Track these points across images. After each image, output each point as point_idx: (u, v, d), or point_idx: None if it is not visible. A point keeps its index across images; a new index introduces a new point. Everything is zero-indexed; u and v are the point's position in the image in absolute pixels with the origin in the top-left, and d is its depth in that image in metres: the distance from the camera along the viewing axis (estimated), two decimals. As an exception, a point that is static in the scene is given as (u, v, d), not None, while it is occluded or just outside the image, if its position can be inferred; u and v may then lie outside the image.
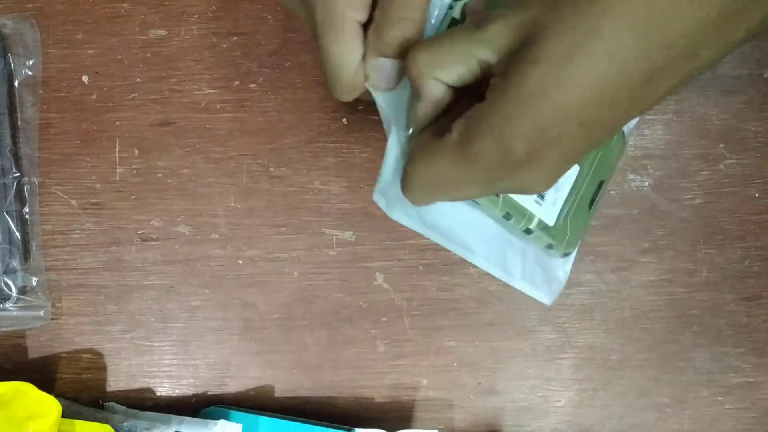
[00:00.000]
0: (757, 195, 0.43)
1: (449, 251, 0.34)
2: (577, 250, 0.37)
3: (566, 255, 0.37)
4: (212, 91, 0.43)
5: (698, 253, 0.43)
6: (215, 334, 0.43)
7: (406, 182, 0.30)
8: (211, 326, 0.43)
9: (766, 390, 0.44)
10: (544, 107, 0.25)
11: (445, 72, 0.28)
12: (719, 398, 0.44)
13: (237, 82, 0.43)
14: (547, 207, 0.36)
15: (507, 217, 0.34)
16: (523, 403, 0.44)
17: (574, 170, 0.36)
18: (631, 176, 0.43)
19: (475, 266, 0.35)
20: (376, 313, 0.43)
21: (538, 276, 0.37)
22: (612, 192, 0.43)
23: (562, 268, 0.38)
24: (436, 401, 0.44)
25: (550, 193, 0.36)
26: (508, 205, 0.34)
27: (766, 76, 0.43)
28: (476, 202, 0.34)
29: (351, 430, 0.41)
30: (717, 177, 0.43)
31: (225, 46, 0.42)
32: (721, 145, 0.43)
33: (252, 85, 0.43)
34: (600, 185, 0.37)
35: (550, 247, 0.36)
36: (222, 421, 0.40)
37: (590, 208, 0.37)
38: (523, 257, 0.36)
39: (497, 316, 0.43)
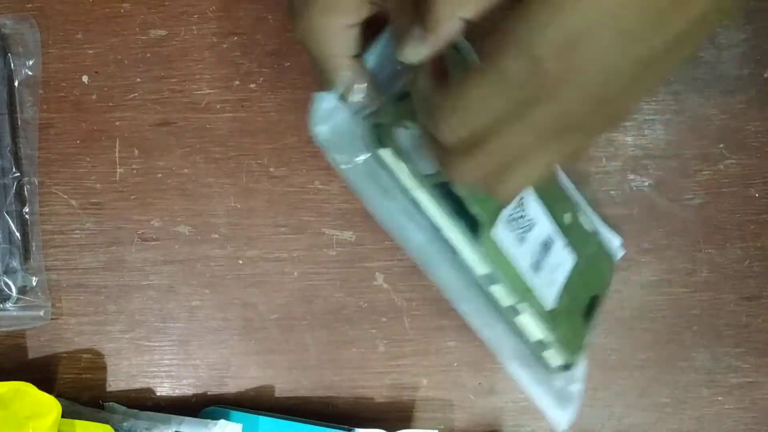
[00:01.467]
0: (757, 195, 0.43)
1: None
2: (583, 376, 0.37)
3: (566, 367, 0.35)
4: (212, 91, 0.43)
5: (698, 253, 0.43)
6: (215, 334, 0.43)
7: (440, 121, 0.27)
8: (211, 326, 0.43)
9: (766, 390, 0.44)
10: (575, 11, 0.22)
11: (470, 6, 0.25)
12: (719, 398, 0.44)
13: (237, 82, 0.43)
14: (544, 283, 0.34)
15: (491, 279, 0.33)
16: (523, 403, 0.44)
17: (568, 260, 0.36)
18: (631, 176, 0.43)
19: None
20: (376, 313, 0.43)
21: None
22: (612, 192, 0.43)
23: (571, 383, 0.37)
24: (436, 401, 0.44)
25: (545, 271, 0.35)
26: (496, 261, 0.33)
27: (766, 76, 0.43)
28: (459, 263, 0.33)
29: (351, 430, 0.41)
30: (717, 177, 0.43)
31: (225, 46, 0.42)
32: (721, 145, 0.43)
33: (252, 85, 0.43)
34: (593, 299, 0.37)
35: (542, 347, 0.34)
36: (222, 421, 0.40)
37: (585, 320, 0.36)
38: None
39: (497, 316, 0.43)
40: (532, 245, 0.34)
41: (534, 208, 0.35)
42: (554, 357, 0.35)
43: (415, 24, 0.26)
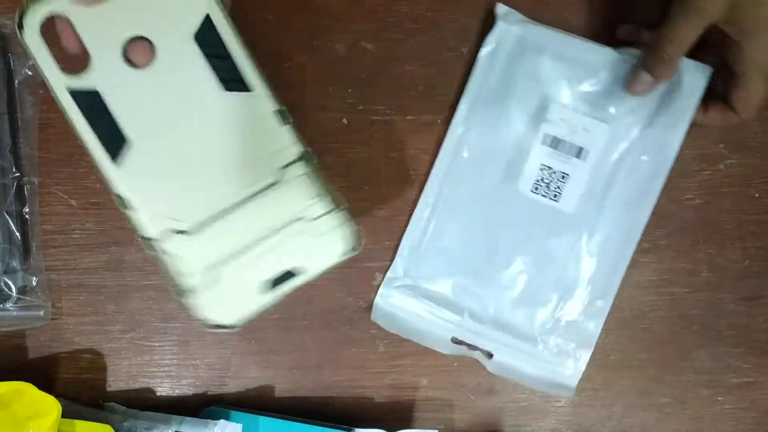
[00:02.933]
0: (756, 195, 0.43)
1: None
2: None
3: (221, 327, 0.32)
4: (212, 91, 0.42)
5: (698, 253, 0.43)
6: (215, 334, 0.43)
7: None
8: (211, 326, 0.43)
9: (766, 390, 0.44)
10: None
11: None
12: (719, 398, 0.44)
13: (237, 82, 0.42)
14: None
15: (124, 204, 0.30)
16: (523, 403, 0.44)
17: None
18: (631, 176, 0.43)
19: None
20: (376, 313, 0.43)
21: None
22: (612, 192, 0.43)
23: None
24: (437, 401, 0.44)
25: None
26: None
27: (766, 76, 0.43)
28: None
29: (351, 430, 0.41)
30: (717, 177, 0.43)
31: (225, 46, 0.42)
32: (721, 146, 0.43)
33: (252, 85, 0.43)
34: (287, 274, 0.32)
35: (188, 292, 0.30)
36: (222, 421, 0.40)
37: (264, 286, 0.32)
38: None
39: (497, 316, 0.43)
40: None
41: None
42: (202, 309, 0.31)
43: (644, 71, 0.39)
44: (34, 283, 0.42)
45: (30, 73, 0.42)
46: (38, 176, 0.42)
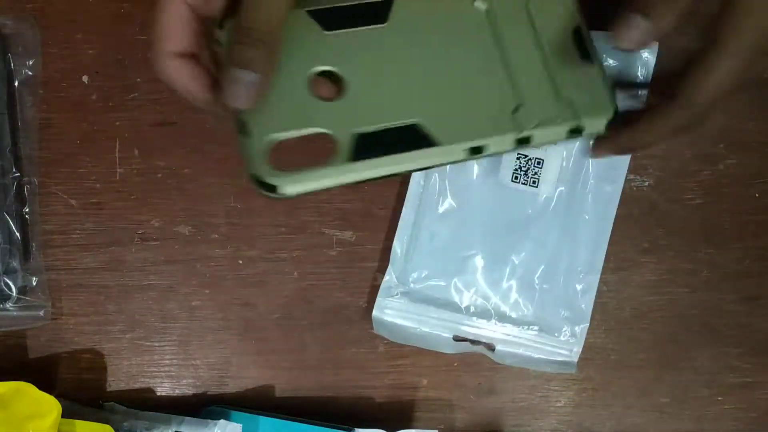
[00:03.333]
0: (756, 195, 0.43)
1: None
2: None
3: (609, 123, 0.34)
4: (212, 91, 0.42)
5: (698, 253, 0.43)
6: (215, 334, 0.43)
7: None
8: (211, 326, 0.43)
9: (766, 390, 0.44)
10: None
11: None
12: (719, 398, 0.44)
13: (237, 82, 0.43)
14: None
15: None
16: (522, 403, 0.44)
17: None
18: (631, 176, 0.43)
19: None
20: (376, 313, 0.43)
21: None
22: (612, 192, 0.43)
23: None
24: (437, 401, 0.44)
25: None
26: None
27: (766, 75, 0.43)
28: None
29: (351, 430, 0.41)
30: (717, 177, 0.43)
31: (225, 46, 0.42)
32: (721, 145, 0.43)
33: (252, 85, 0.43)
34: (576, 31, 0.34)
35: (576, 131, 0.33)
36: (222, 421, 0.40)
37: (584, 58, 0.34)
38: None
39: (497, 316, 0.43)
40: None
41: None
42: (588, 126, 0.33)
43: (638, 15, 0.29)
44: (34, 283, 0.42)
45: (30, 72, 0.42)
46: (38, 176, 0.42)
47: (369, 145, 0.30)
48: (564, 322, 0.42)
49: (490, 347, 0.42)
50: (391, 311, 0.42)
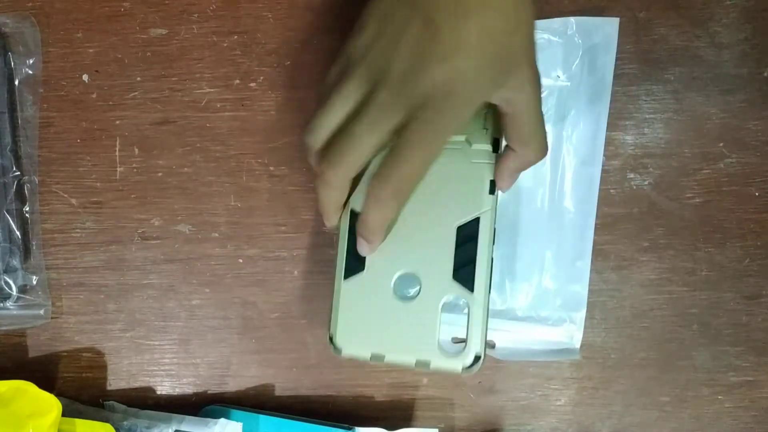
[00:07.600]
0: (756, 194, 0.43)
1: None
2: None
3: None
4: (212, 90, 0.43)
5: (698, 251, 0.43)
6: (215, 332, 0.43)
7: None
8: (212, 325, 0.43)
9: (765, 389, 0.44)
10: None
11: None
12: (719, 397, 0.44)
13: (237, 81, 0.43)
14: None
15: None
16: (523, 402, 0.44)
17: None
18: (631, 175, 0.43)
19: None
20: (376, 311, 0.43)
21: None
22: (612, 191, 0.43)
23: None
24: (437, 400, 0.44)
25: None
26: None
27: (766, 75, 0.43)
28: None
29: (351, 428, 0.41)
30: (717, 176, 0.43)
31: (225, 44, 0.42)
32: (721, 144, 0.43)
33: (252, 84, 0.43)
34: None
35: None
36: (222, 420, 0.40)
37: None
38: None
39: (497, 315, 0.43)
40: None
41: None
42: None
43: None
44: (35, 282, 0.42)
45: (30, 71, 0.42)
46: (38, 175, 0.42)
47: None
48: (561, 311, 0.42)
49: (490, 345, 0.42)
50: None
